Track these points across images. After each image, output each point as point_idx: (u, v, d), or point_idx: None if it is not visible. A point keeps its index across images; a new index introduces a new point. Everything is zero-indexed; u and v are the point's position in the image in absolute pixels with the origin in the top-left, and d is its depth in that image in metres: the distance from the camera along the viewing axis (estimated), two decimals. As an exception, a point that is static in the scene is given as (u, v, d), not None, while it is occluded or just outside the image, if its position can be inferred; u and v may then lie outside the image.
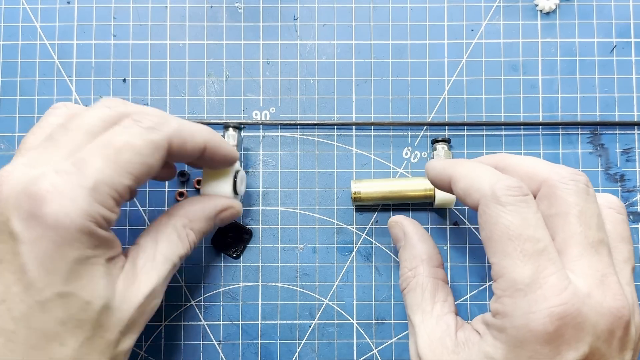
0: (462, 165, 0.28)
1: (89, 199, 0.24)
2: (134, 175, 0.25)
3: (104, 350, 0.25)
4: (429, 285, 0.29)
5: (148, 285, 0.27)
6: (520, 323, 0.23)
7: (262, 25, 0.38)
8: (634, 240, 0.37)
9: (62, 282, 0.23)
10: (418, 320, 0.29)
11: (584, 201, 0.25)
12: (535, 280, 0.23)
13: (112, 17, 0.38)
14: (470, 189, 0.26)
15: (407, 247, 0.31)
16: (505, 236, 0.24)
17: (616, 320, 0.23)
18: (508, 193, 0.24)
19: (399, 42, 0.38)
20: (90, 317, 0.24)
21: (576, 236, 0.24)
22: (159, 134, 0.26)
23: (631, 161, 0.37)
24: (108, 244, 0.26)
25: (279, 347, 0.36)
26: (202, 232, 0.31)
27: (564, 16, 0.38)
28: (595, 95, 0.38)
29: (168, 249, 0.28)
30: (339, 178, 0.37)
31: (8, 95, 0.38)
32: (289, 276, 0.37)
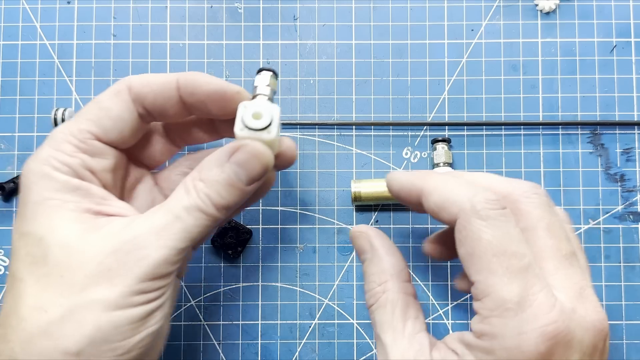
0: (434, 178, 0.26)
1: (45, 147, 0.26)
2: (91, 120, 0.26)
3: (64, 291, 0.23)
4: (400, 301, 0.27)
5: (130, 233, 0.24)
6: (511, 344, 0.22)
7: (262, 25, 0.38)
8: (634, 240, 0.37)
9: (22, 222, 0.25)
10: (389, 340, 0.26)
11: (549, 214, 0.25)
12: (525, 299, 0.22)
13: (112, 17, 0.38)
14: (446, 202, 0.25)
15: (374, 261, 0.28)
16: (490, 253, 0.23)
17: (599, 334, 0.23)
18: (488, 207, 0.23)
19: (399, 42, 0.38)
20: (43, 252, 0.24)
21: (548, 249, 0.24)
22: (117, 83, 0.27)
23: (631, 161, 0.37)
24: (83, 193, 0.25)
25: (279, 347, 0.36)
26: (214, 180, 0.26)
27: (564, 16, 0.38)
28: (595, 95, 0.38)
29: (170, 202, 0.26)
30: (339, 178, 0.37)
31: (8, 95, 0.38)
32: (289, 276, 0.37)
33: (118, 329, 0.23)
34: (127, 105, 0.27)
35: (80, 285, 0.23)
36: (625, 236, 0.37)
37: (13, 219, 0.37)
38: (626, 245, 0.37)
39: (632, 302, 0.36)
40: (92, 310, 0.23)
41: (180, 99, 0.28)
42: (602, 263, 0.37)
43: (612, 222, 0.37)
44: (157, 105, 0.28)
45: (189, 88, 0.27)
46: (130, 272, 0.24)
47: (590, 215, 0.37)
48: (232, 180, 0.26)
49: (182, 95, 0.28)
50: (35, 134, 0.37)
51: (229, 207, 0.26)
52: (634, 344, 0.36)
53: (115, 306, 0.23)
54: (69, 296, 0.23)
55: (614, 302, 0.36)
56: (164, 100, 0.28)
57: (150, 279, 0.24)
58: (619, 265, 0.37)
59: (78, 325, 0.23)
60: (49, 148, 0.26)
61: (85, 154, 0.26)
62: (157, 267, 0.24)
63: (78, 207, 0.25)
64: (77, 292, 0.23)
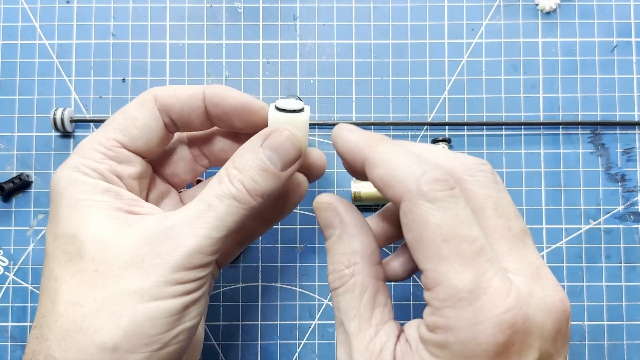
0: (380, 148, 0.24)
1: (73, 157, 0.27)
2: (118, 129, 0.27)
3: (98, 284, 0.23)
4: (370, 287, 0.24)
5: (164, 223, 0.24)
6: (466, 336, 0.20)
7: (261, 24, 0.38)
8: (633, 240, 0.37)
9: (56, 225, 0.25)
10: (354, 328, 0.24)
11: (496, 191, 0.23)
12: (478, 286, 0.20)
13: (111, 16, 0.38)
14: (392, 179, 0.22)
15: (343, 239, 0.25)
16: (439, 238, 0.21)
17: (562, 315, 0.22)
18: (436, 187, 0.21)
19: (399, 41, 0.38)
20: (77, 249, 0.24)
21: (499, 230, 0.22)
22: (144, 94, 0.28)
23: (632, 161, 0.37)
24: (113, 194, 0.26)
25: (279, 347, 0.36)
26: (248, 165, 0.25)
27: (565, 16, 0.38)
28: (596, 95, 0.38)
29: (203, 192, 0.25)
30: (339, 178, 0.37)
31: (7, 95, 0.38)
32: (288, 276, 0.37)
33: (154, 321, 0.23)
34: (154, 114, 0.28)
35: (114, 277, 0.23)
36: (625, 236, 0.37)
37: (13, 219, 0.37)
38: (627, 245, 0.37)
39: (632, 302, 0.36)
40: (127, 301, 0.23)
41: (205, 111, 0.29)
42: (603, 263, 0.37)
43: (613, 223, 0.37)
44: (183, 115, 0.28)
45: (215, 100, 0.28)
46: (164, 261, 0.23)
47: (591, 216, 0.37)
48: (266, 165, 0.26)
49: (207, 106, 0.28)
50: (34, 134, 0.37)
51: (264, 194, 0.26)
52: (634, 345, 0.36)
53: (151, 297, 0.23)
54: (104, 289, 0.23)
55: (615, 302, 0.36)
56: (190, 110, 0.28)
57: (185, 268, 0.24)
58: (620, 266, 0.37)
59: (114, 317, 0.23)
60: (76, 157, 0.26)
61: (113, 161, 0.27)
62: (190, 256, 0.24)
63: (110, 205, 0.25)
64: (111, 284, 0.23)
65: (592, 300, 0.36)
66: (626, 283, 0.36)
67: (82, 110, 0.38)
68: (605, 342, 0.36)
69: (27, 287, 0.37)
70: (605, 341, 0.36)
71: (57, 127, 0.36)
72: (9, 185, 0.36)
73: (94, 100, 0.38)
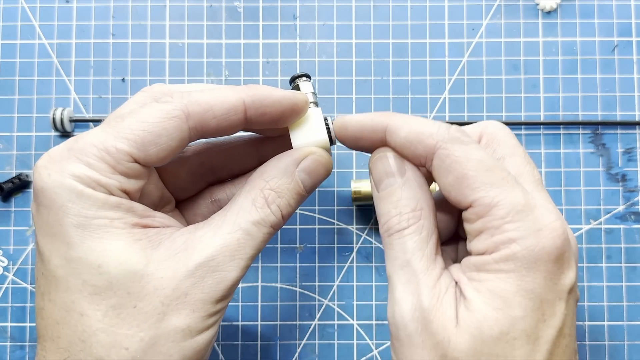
0: (398, 115, 0.25)
1: (73, 160, 0.22)
2: (134, 141, 0.23)
3: (141, 323, 0.22)
4: (434, 234, 0.25)
5: (203, 253, 0.23)
6: (531, 242, 0.22)
7: (261, 24, 0.38)
8: (634, 240, 0.37)
9: (66, 247, 0.22)
10: (422, 267, 0.23)
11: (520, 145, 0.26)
12: (529, 201, 0.23)
13: (111, 16, 0.38)
14: (419, 135, 0.24)
15: (410, 185, 0.25)
16: (483, 168, 0.23)
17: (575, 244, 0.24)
18: (464, 135, 0.24)
19: (399, 41, 0.38)
20: (107, 281, 0.22)
21: (526, 174, 0.25)
22: (171, 104, 0.24)
23: (632, 161, 0.37)
24: (125, 208, 0.23)
25: (279, 348, 0.36)
26: (285, 189, 0.25)
27: (565, 15, 0.38)
28: (597, 95, 0.38)
29: (237, 215, 0.24)
30: (338, 178, 0.37)
31: (6, 95, 0.37)
32: (288, 277, 0.37)
33: (198, 353, 0.23)
34: (181, 134, 0.24)
35: (157, 314, 0.22)
36: (626, 236, 0.37)
37: (12, 219, 0.37)
38: (627, 245, 0.37)
39: (633, 302, 0.36)
40: (175, 340, 0.22)
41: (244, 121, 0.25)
42: (604, 263, 0.37)
43: (614, 223, 0.37)
44: (218, 132, 0.25)
45: (260, 110, 0.25)
46: (208, 296, 0.23)
47: (592, 216, 0.37)
48: (300, 189, 0.26)
49: (250, 117, 0.25)
50: (33, 134, 0.37)
51: (290, 215, 0.26)
52: (635, 345, 0.36)
53: (196, 332, 0.23)
54: (149, 328, 0.22)
55: (615, 302, 0.36)
56: (228, 125, 0.25)
57: (224, 299, 0.24)
58: (620, 266, 0.36)
59: (163, 358, 0.22)
60: (79, 163, 0.22)
61: (122, 175, 0.23)
62: (232, 287, 0.24)
63: (126, 223, 0.23)
64: (156, 322, 0.22)
65: (592, 300, 0.36)
66: (627, 283, 0.36)
67: (81, 110, 0.38)
68: (606, 342, 0.36)
69: (26, 287, 0.37)
70: (605, 341, 0.36)
71: (56, 127, 0.36)
72: (9, 185, 0.36)
73: (94, 100, 0.38)
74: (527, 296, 0.22)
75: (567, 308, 0.22)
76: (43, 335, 0.23)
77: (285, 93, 0.26)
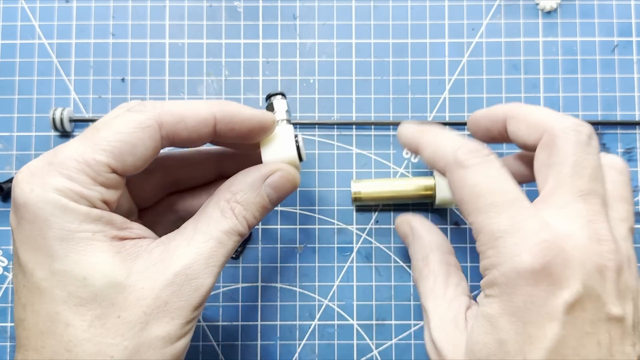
0: (429, 134, 0.28)
1: (54, 174, 0.23)
2: (111, 153, 0.24)
3: (125, 332, 0.23)
4: (441, 271, 0.29)
5: (180, 262, 0.24)
6: (507, 269, 0.23)
7: (261, 24, 0.38)
8: (635, 240, 0.37)
9: (50, 260, 0.23)
10: (431, 306, 0.28)
11: (583, 152, 0.25)
12: (512, 226, 0.23)
13: (110, 16, 0.38)
14: (435, 157, 0.27)
15: (415, 240, 0.31)
16: (474, 195, 0.24)
17: (603, 261, 0.23)
18: (469, 156, 0.25)
19: (399, 41, 0.38)
20: (92, 293, 0.23)
21: (565, 186, 0.24)
22: (143, 114, 0.25)
23: (633, 161, 0.37)
24: (105, 221, 0.24)
25: (279, 348, 0.36)
26: (251, 202, 0.27)
27: (565, 15, 0.38)
28: (597, 95, 0.38)
29: (208, 225, 0.26)
30: (339, 178, 0.37)
31: (6, 95, 0.37)
32: (288, 277, 0.37)
33: (177, 358, 0.24)
34: (155, 143, 0.25)
35: (140, 324, 0.23)
36: (626, 236, 0.37)
37: (11, 219, 0.37)
38: (627, 245, 0.37)
39: (633, 302, 0.36)
40: (157, 347, 0.24)
41: (213, 134, 0.26)
42: (604, 263, 0.36)
43: (614, 223, 0.37)
44: (188, 142, 0.26)
45: (230, 125, 0.26)
46: (186, 303, 0.24)
47: (592, 216, 0.37)
48: (266, 203, 0.27)
49: (218, 132, 0.26)
50: (33, 134, 0.37)
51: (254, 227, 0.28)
52: (635, 345, 0.36)
53: (176, 338, 0.24)
54: (132, 337, 0.23)
55: (615, 302, 0.36)
56: (197, 137, 0.26)
57: (200, 306, 0.25)
58: (620, 266, 0.36)
59: None
60: (60, 177, 0.23)
61: (102, 187, 0.24)
62: (207, 294, 0.25)
63: (106, 236, 0.24)
64: (139, 331, 0.23)
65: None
66: (627, 283, 0.36)
67: (81, 110, 0.38)
68: (606, 342, 0.36)
69: (26, 288, 0.36)
70: (605, 341, 0.36)
71: (56, 127, 0.36)
72: (8, 185, 0.36)
73: (94, 100, 0.38)
74: (509, 320, 0.23)
75: (567, 328, 0.22)
76: (25, 345, 0.23)
77: (254, 112, 0.27)
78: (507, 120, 0.29)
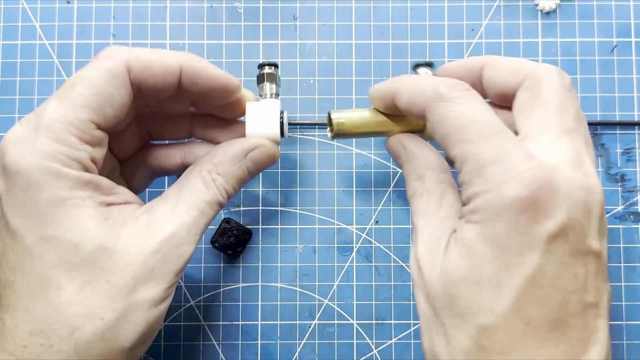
0: (403, 79, 0.28)
1: (43, 139, 0.24)
2: (91, 107, 0.24)
3: (114, 296, 0.24)
4: (437, 190, 0.27)
5: (165, 231, 0.26)
6: (493, 196, 0.22)
7: (261, 25, 0.38)
8: (634, 240, 0.37)
9: (42, 226, 0.24)
10: (421, 223, 0.27)
11: (566, 93, 0.25)
12: (499, 155, 0.23)
13: (111, 16, 0.38)
14: (414, 97, 0.26)
15: (409, 160, 0.29)
16: (459, 126, 0.24)
17: (590, 195, 0.23)
18: (451, 89, 0.25)
19: (399, 41, 0.38)
20: (83, 258, 0.24)
21: (550, 123, 0.24)
22: (112, 60, 0.25)
23: (632, 161, 0.37)
24: (94, 186, 0.25)
25: (279, 347, 0.36)
26: (231, 175, 0.28)
27: (564, 16, 0.38)
28: (596, 95, 0.38)
29: (191, 195, 0.27)
30: (339, 178, 0.37)
31: (7, 95, 0.38)
32: (288, 276, 0.37)
33: (160, 320, 0.26)
34: (127, 90, 0.26)
35: (128, 288, 0.25)
36: (625, 236, 0.37)
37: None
38: (627, 245, 0.37)
39: (632, 302, 0.36)
40: (143, 309, 0.25)
41: (178, 87, 0.27)
42: (603, 263, 0.37)
43: (613, 223, 0.37)
44: (155, 91, 0.27)
45: (193, 79, 0.27)
46: (170, 269, 0.26)
47: (591, 216, 0.37)
48: (245, 175, 0.29)
49: (183, 84, 0.27)
50: (34, 134, 0.37)
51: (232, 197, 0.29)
52: (634, 345, 0.36)
53: (160, 301, 0.26)
54: (121, 300, 0.24)
55: (615, 302, 0.36)
56: (163, 87, 0.27)
57: (182, 271, 0.26)
58: (620, 266, 0.37)
59: (133, 326, 0.25)
60: (49, 141, 0.24)
61: (89, 145, 0.25)
62: (189, 260, 0.26)
63: (94, 202, 0.25)
64: (127, 295, 0.25)
65: (592, 300, 0.36)
66: (626, 283, 0.36)
67: (82, 110, 0.38)
68: (605, 342, 0.36)
69: (27, 287, 0.37)
70: (605, 341, 0.36)
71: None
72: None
73: (94, 100, 0.38)
74: (487, 245, 0.22)
75: (546, 258, 0.22)
76: (14, 306, 0.24)
77: (220, 73, 0.28)
78: (484, 68, 0.28)
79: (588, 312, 0.22)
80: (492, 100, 0.29)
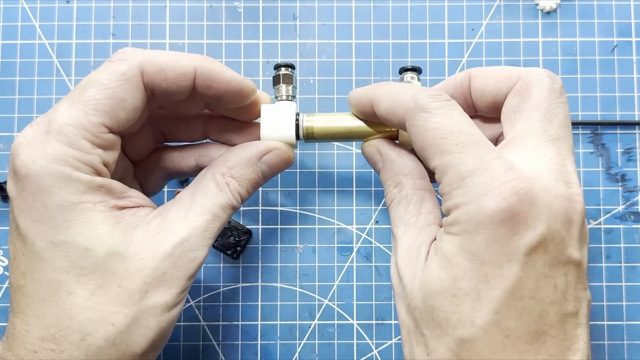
0: (383, 87, 0.27)
1: (54, 143, 0.23)
2: (103, 111, 0.24)
3: (125, 301, 0.24)
4: (414, 197, 0.27)
5: (178, 235, 0.25)
6: (473, 208, 0.22)
7: (261, 24, 0.38)
8: (634, 240, 0.37)
9: (53, 230, 0.23)
10: (401, 232, 0.27)
11: (556, 99, 0.25)
12: (480, 166, 0.22)
13: (111, 16, 0.38)
14: (393, 107, 0.26)
15: (386, 167, 0.29)
16: (438, 137, 0.23)
17: (571, 205, 0.23)
18: (430, 100, 0.24)
19: (399, 41, 0.38)
20: (94, 263, 0.24)
21: (536, 130, 0.24)
22: (125, 63, 0.25)
23: (632, 161, 0.37)
24: (106, 190, 0.25)
25: (279, 347, 0.36)
26: (246, 179, 0.28)
27: (565, 15, 0.38)
28: (596, 95, 0.38)
29: (205, 199, 0.27)
30: (339, 178, 0.37)
31: (7, 95, 0.37)
32: (288, 276, 0.37)
33: (171, 323, 0.26)
34: (141, 94, 0.25)
35: (140, 293, 0.24)
36: (626, 236, 0.37)
37: (12, 219, 0.37)
38: (627, 245, 0.37)
39: (632, 302, 0.36)
40: (155, 314, 0.25)
41: (192, 90, 0.27)
42: (603, 263, 0.37)
43: (613, 223, 0.37)
44: (169, 94, 0.26)
45: (207, 82, 0.26)
46: (183, 274, 0.25)
47: (591, 216, 0.37)
48: (259, 178, 0.28)
49: (197, 86, 0.26)
50: (34, 134, 0.37)
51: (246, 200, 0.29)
52: (634, 345, 0.36)
53: (172, 306, 0.25)
54: (132, 305, 0.24)
55: (615, 302, 0.36)
56: (177, 89, 0.26)
57: (195, 275, 0.26)
58: (620, 266, 0.37)
59: (144, 331, 0.24)
60: (60, 145, 0.23)
61: (101, 149, 0.25)
62: (202, 264, 0.26)
63: (106, 206, 0.24)
64: (138, 300, 0.24)
65: (592, 300, 0.36)
66: (626, 283, 0.36)
67: (81, 110, 0.38)
68: (606, 342, 0.36)
69: (26, 287, 0.37)
70: (605, 341, 0.36)
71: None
72: (9, 185, 0.36)
73: (94, 100, 0.38)
74: (467, 257, 0.22)
75: (526, 270, 0.22)
76: (24, 311, 0.24)
77: (235, 76, 0.27)
78: (471, 79, 0.28)
79: (567, 321, 0.23)
80: (484, 113, 0.29)
